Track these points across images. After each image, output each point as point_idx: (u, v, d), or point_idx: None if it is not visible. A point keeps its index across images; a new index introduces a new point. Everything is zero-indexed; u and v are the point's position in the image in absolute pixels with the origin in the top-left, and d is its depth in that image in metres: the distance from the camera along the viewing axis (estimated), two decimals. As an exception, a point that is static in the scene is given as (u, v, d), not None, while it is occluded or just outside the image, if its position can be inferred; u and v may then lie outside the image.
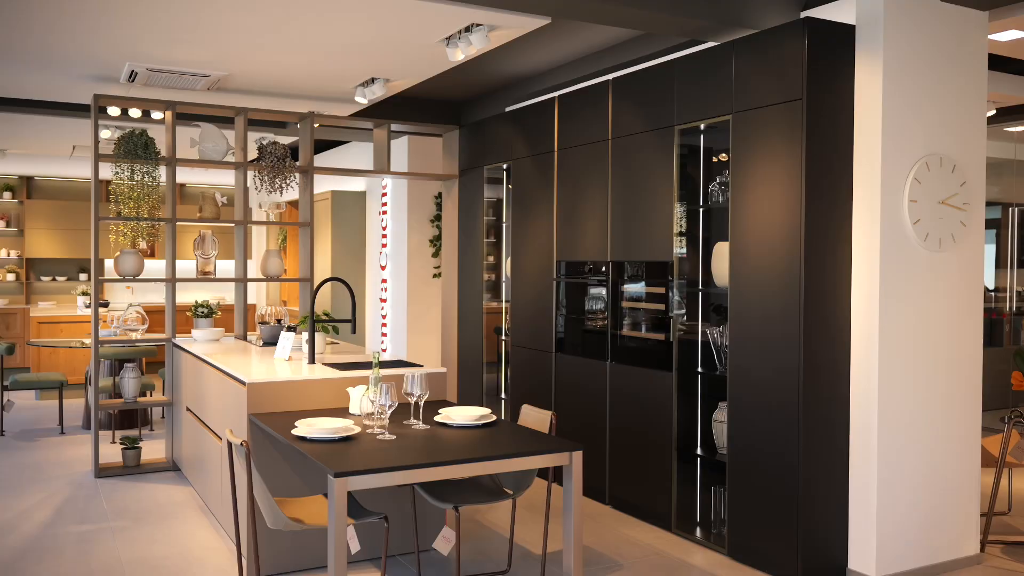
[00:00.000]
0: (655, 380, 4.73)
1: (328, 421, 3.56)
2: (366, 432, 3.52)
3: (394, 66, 5.49)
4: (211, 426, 4.77)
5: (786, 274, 3.94)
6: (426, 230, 8.28)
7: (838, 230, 3.96)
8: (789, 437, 3.92)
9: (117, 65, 5.57)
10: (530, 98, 6.75)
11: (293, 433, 3.45)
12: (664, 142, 4.68)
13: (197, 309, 6.14)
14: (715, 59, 4.35)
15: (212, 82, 5.96)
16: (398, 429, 3.60)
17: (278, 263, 6.41)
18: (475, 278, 6.61)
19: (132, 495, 5.34)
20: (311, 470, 4.01)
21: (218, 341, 5.83)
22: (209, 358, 4.83)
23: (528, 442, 3.40)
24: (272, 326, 5.62)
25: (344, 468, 2.93)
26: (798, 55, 3.87)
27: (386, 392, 3.44)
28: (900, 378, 3.96)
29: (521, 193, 6.00)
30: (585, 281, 5.39)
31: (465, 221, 6.77)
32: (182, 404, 5.65)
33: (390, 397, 3.45)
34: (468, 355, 6.69)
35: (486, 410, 3.83)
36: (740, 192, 4.20)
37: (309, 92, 6.38)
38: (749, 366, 4.14)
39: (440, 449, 3.28)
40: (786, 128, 3.93)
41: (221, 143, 6.17)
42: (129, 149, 5.77)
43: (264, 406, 3.99)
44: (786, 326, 3.94)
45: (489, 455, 3.17)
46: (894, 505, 3.96)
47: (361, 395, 3.89)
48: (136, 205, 5.82)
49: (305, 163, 6.35)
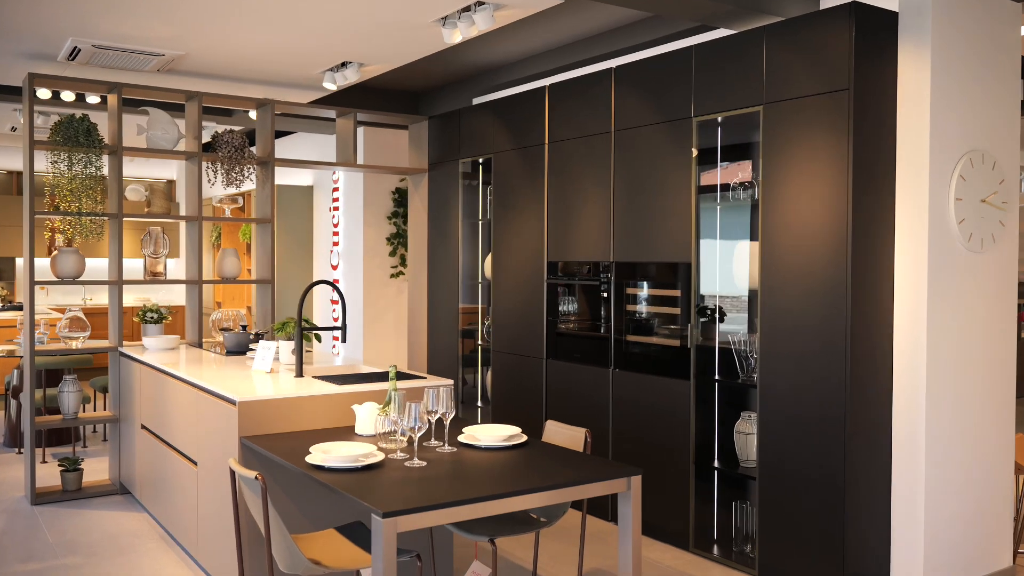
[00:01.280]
0: (669, 389, 4.43)
1: (345, 447, 3.12)
2: (389, 458, 3.09)
3: (374, 49, 5.03)
4: (179, 448, 4.23)
5: (829, 277, 3.68)
6: (383, 227, 7.81)
7: (882, 230, 3.72)
8: (832, 452, 3.67)
9: (57, 41, 4.95)
10: (499, 89, 6.38)
11: (308, 461, 2.99)
12: (679, 135, 4.37)
13: (146, 314, 5.54)
14: (741, 46, 4.07)
15: (164, 62, 5.37)
16: (423, 453, 3.19)
17: (235, 263, 5.86)
18: (449, 279, 6.19)
19: (79, 524, 4.74)
20: (316, 501, 3.56)
21: (174, 350, 5.26)
22: (175, 371, 4.29)
23: (578, 466, 3.04)
24: (237, 333, 5.09)
25: (389, 505, 2.51)
26: (844, 42, 3.61)
27: (415, 413, 3.02)
28: (946, 388, 3.75)
29: (504, 189, 5.61)
30: (582, 283, 5.05)
31: (437, 218, 6.35)
32: (133, 421, 5.07)
33: (419, 418, 3.03)
34: (440, 361, 6.27)
35: (514, 429, 3.44)
36: (772, 188, 3.92)
37: (269, 76, 5.85)
38: (782, 375, 3.88)
39: (481, 477, 2.89)
40: (829, 120, 3.67)
41: (172, 130, 5.58)
42: (69, 135, 5.14)
43: (257, 427, 3.51)
44: (829, 333, 3.68)
45: (546, 484, 2.79)
46: (940, 520, 3.75)
47: (372, 414, 3.46)
48: (77, 199, 5.19)
49: (265, 154, 5.82)
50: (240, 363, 4.65)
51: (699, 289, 4.36)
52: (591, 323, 5.02)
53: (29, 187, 5.11)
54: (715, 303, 4.38)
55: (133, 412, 5.09)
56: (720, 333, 4.36)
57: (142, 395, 4.90)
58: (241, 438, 3.46)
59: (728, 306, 4.38)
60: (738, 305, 4.34)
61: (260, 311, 5.92)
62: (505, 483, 2.80)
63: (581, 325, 5.11)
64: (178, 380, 4.22)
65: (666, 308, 4.61)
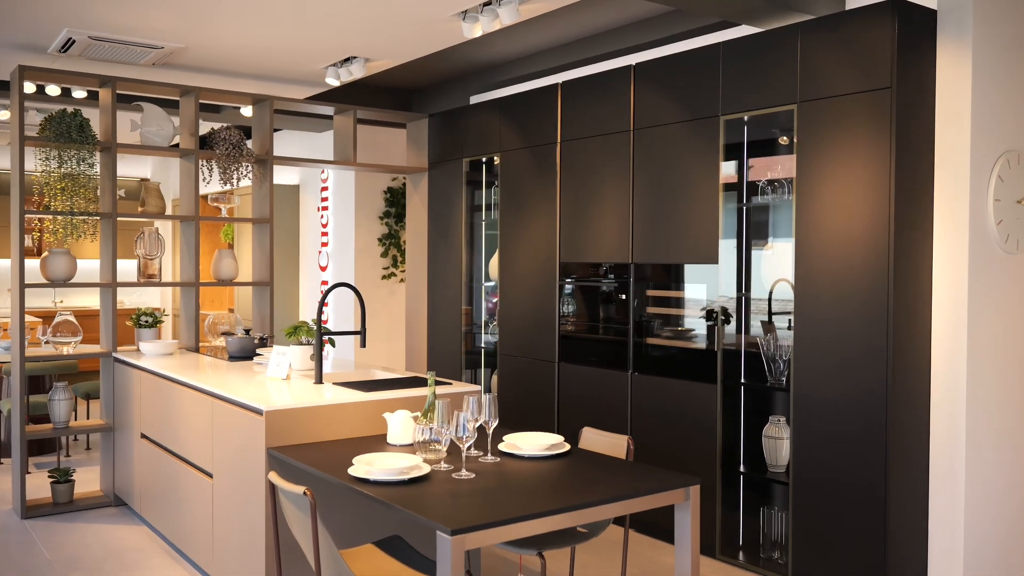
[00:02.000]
0: (695, 392, 4.34)
1: (389, 458, 2.96)
2: (434, 469, 2.95)
3: (385, 43, 4.87)
4: (190, 459, 4.04)
5: (870, 280, 3.61)
6: (375, 228, 7.64)
7: (921, 231, 3.66)
8: (872, 458, 3.60)
9: (51, 31, 4.71)
10: (498, 87, 6.25)
11: (351, 474, 2.84)
12: (706, 134, 4.28)
13: (140, 318, 5.32)
14: (773, 43, 3.99)
15: (161, 56, 5.16)
16: (469, 463, 3.05)
17: (232, 265, 5.66)
18: (452, 281, 6.05)
19: (76, 539, 4.52)
20: (347, 515, 3.40)
21: (173, 355, 5.05)
22: (186, 379, 4.10)
23: (631, 476, 2.92)
24: (241, 338, 4.89)
25: (457, 522, 2.37)
26: (886, 40, 3.54)
27: (463, 422, 2.88)
28: (987, 393, 3.70)
29: (513, 188, 5.49)
30: (599, 285, 4.94)
31: (438, 218, 6.20)
32: (130, 429, 4.85)
33: (467, 428, 2.89)
34: (442, 364, 6.12)
35: (556, 437, 3.32)
36: (807, 188, 3.85)
37: (268, 71, 5.66)
38: (819, 379, 3.80)
39: (536, 489, 2.76)
40: (870, 119, 3.60)
41: (166, 126, 5.37)
42: (61, 131, 4.91)
43: (285, 438, 3.34)
44: (870, 337, 3.61)
45: (609, 496, 2.67)
46: (980, 530, 3.70)
47: (406, 423, 3.31)
48: (69, 198, 4.96)
49: (263, 151, 5.62)
50: (246, 369, 4.46)
51: (725, 291, 4.27)
52: (607, 325, 4.92)
53: (20, 185, 4.87)
54: (741, 305, 4.29)
55: (130, 421, 4.86)
56: (746, 336, 4.28)
57: (142, 403, 4.68)
58: (268, 449, 3.29)
59: (754, 308, 4.30)
60: (765, 307, 4.27)
61: (258, 314, 5.72)
62: (563, 495, 2.67)
63: (596, 328, 5.00)
64: (190, 388, 4.02)
65: (688, 311, 4.52)
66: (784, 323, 4.14)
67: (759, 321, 4.29)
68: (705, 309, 4.39)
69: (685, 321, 4.53)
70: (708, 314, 4.36)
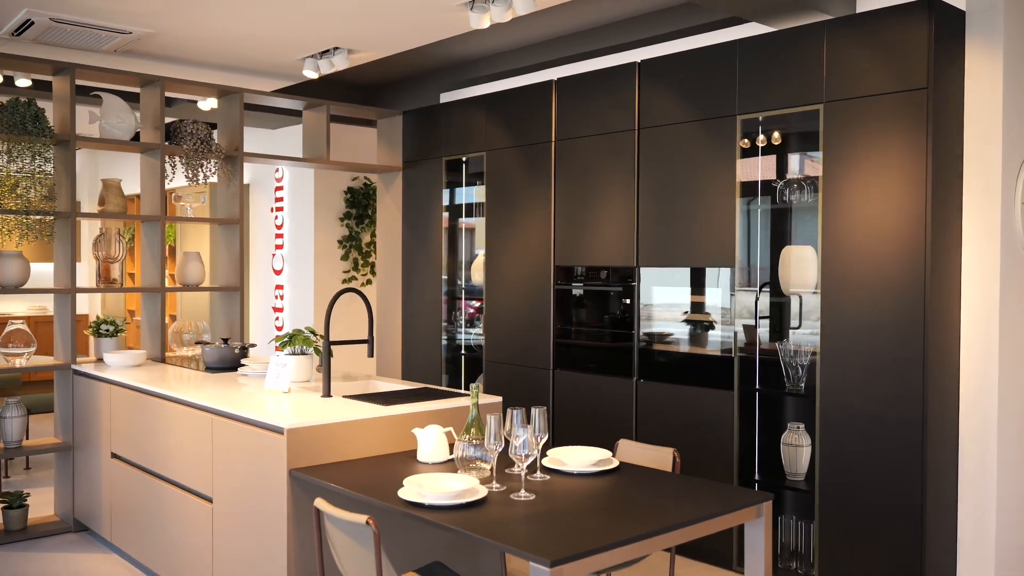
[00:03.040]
0: (709, 399, 4.21)
1: (439, 480, 2.72)
2: (491, 491, 2.72)
3: (374, 32, 4.59)
4: (181, 481, 3.69)
5: (904, 284, 3.54)
6: (334, 230, 7.31)
7: (951, 234, 3.62)
8: (908, 469, 3.53)
9: (7, 10, 4.28)
10: (470, 84, 6.04)
11: (403, 498, 2.59)
12: (721, 134, 4.16)
13: (100, 326, 4.89)
14: (795, 41, 3.89)
15: (126, 42, 4.75)
16: (511, 481, 2.82)
17: (199, 268, 5.28)
18: (430, 285, 5.79)
19: (42, 570, 4.10)
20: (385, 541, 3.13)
21: (142, 367, 4.65)
22: (178, 394, 3.75)
23: (698, 492, 2.75)
24: (219, 347, 4.54)
25: (552, 552, 2.15)
26: (922, 39, 3.48)
27: (524, 437, 2.66)
28: (1018, 398, 3.68)
29: (501, 189, 5.27)
30: (598, 288, 4.78)
31: (414, 219, 5.93)
32: (97, 448, 4.44)
33: (527, 444, 2.67)
34: (420, 374, 5.86)
35: (603, 452, 3.12)
36: (834, 189, 3.76)
37: (240, 62, 5.30)
38: (847, 387, 3.72)
39: (606, 510, 2.57)
40: (905, 120, 3.53)
41: (128, 119, 4.96)
42: (15, 122, 4.47)
43: (307, 458, 3.05)
44: (903, 343, 3.53)
45: (696, 516, 2.49)
46: (1011, 535, 3.68)
47: (438, 439, 3.07)
48: (23, 195, 4.53)
49: (232, 147, 5.27)
50: (230, 381, 4.13)
51: (740, 295, 4.16)
52: (608, 331, 4.75)
53: (-31, 181, 4.41)
54: (756, 309, 4.19)
55: (96, 439, 4.45)
56: (761, 341, 4.18)
57: (113, 420, 4.29)
58: (291, 471, 3.00)
59: (772, 312, 4.20)
60: (782, 312, 4.17)
61: (226, 322, 5.35)
62: (644, 517, 2.49)
63: (596, 333, 4.83)
64: (183, 405, 3.68)
65: (700, 316, 4.39)
66: (802, 328, 4.05)
67: (775, 326, 4.19)
68: (718, 314, 4.27)
69: (697, 326, 4.41)
70: (723, 318, 4.24)
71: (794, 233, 4.12)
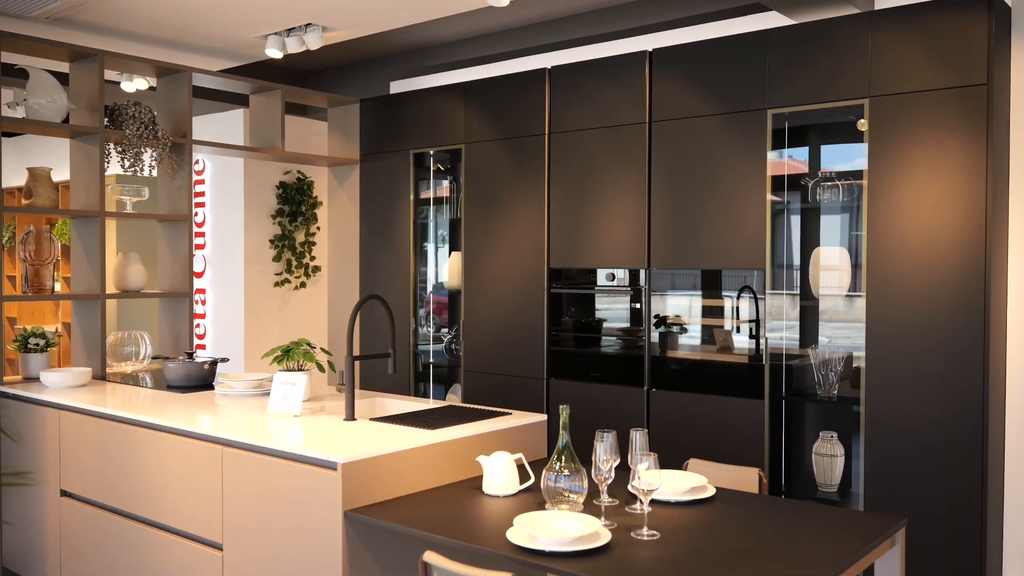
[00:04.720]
0: (735, 409, 3.97)
1: (551, 520, 2.33)
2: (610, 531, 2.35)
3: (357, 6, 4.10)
4: (174, 526, 3.12)
5: (962, 287, 3.40)
6: (266, 228, 6.68)
7: (1001, 235, 3.52)
8: (967, 477, 3.40)
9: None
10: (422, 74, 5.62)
11: (514, 543, 2.19)
12: (748, 128, 3.93)
13: (28, 340, 4.18)
14: (835, 33, 3.70)
15: (59, 8, 4.07)
16: (622, 516, 2.48)
17: (141, 272, 4.62)
18: (397, 287, 5.32)
19: (-24, 637, 3.42)
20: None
21: (87, 387, 3.99)
22: (171, 423, 3.18)
23: (820, 523, 2.49)
24: (183, 362, 3.94)
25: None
26: (981, 33, 3.35)
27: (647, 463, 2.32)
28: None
29: (481, 185, 4.88)
30: (601, 292, 4.47)
31: (375, 217, 5.44)
32: (40, 485, 3.76)
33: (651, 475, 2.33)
34: (378, 381, 5.37)
35: (698, 478, 2.80)
36: (881, 188, 3.59)
37: (188, 37, 4.67)
38: (895, 394, 3.56)
39: (749, 549, 2.26)
40: (961, 117, 3.40)
41: (60, 98, 4.27)
42: (-72, 98, 3.74)
43: (364, 496, 2.60)
44: (961, 349, 3.40)
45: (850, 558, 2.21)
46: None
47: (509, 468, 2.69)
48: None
49: (180, 134, 4.64)
50: (208, 402, 3.57)
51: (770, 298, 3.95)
52: (613, 337, 4.45)
53: None
54: (784, 312, 3.99)
55: (39, 474, 3.77)
56: (788, 346, 3.98)
57: (63, 452, 3.63)
58: (347, 512, 2.53)
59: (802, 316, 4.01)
60: (814, 315, 3.99)
61: (172, 332, 4.71)
62: (799, 557, 2.19)
63: (598, 340, 4.52)
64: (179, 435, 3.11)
65: (721, 320, 4.16)
66: (837, 332, 3.88)
67: (806, 331, 4.00)
68: (744, 317, 4.04)
69: (719, 332, 4.17)
70: (751, 323, 4.01)
71: (831, 232, 3.95)
